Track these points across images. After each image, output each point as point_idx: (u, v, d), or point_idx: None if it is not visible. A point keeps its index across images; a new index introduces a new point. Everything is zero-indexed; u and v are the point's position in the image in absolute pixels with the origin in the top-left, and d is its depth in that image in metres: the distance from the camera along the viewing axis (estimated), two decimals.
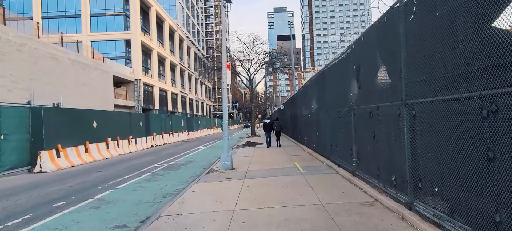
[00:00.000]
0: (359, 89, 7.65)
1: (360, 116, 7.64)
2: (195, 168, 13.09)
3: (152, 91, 51.97)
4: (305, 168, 10.66)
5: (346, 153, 9.00)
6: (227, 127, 11.54)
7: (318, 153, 13.58)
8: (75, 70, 30.39)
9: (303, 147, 17.56)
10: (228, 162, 11.27)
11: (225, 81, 11.53)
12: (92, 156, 16.45)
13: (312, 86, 14.50)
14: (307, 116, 16.29)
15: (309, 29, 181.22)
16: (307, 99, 16.29)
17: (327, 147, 11.70)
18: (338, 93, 9.81)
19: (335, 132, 10.27)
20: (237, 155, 16.21)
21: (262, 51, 34.05)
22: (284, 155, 15.04)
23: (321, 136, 12.78)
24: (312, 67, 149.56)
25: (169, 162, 15.48)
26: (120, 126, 20.12)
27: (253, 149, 19.10)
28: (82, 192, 8.98)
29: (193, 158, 16.99)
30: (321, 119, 12.55)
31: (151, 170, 12.96)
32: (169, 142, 29.26)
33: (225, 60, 11.48)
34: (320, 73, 12.37)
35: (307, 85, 16.06)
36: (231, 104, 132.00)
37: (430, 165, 4.41)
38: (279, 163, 12.28)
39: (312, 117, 14.68)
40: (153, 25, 52.56)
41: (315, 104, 14.00)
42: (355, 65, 7.93)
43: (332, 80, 10.64)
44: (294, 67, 46.95)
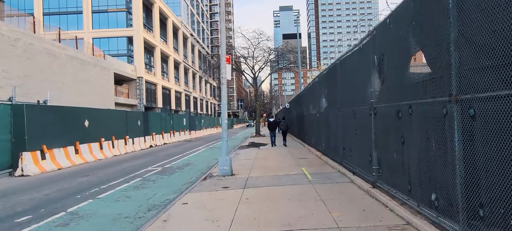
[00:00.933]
0: (382, 83, 6.32)
1: (383, 115, 6.32)
2: (191, 173, 11.84)
3: (154, 89, 50.95)
4: (314, 175, 9.35)
5: (363, 159, 7.68)
6: (226, 127, 10.27)
7: (327, 157, 12.26)
8: (73, 67, 29.36)
9: (311, 149, 16.24)
10: (227, 167, 10.01)
11: (224, 77, 10.27)
12: (83, 157, 15.30)
13: (321, 83, 13.17)
14: (315, 115, 14.97)
15: (315, 27, 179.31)
16: (315, 97, 14.96)
17: (338, 151, 10.38)
18: (353, 90, 8.48)
19: (349, 134, 8.95)
20: (239, 158, 14.95)
21: (267, 48, 32.76)
22: (290, 158, 13.74)
23: (332, 138, 11.46)
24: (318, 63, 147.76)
25: (165, 164, 14.26)
26: (115, 125, 18.98)
27: (257, 151, 17.82)
28: (56, 202, 7.77)
29: (192, 160, 15.77)
30: (332, 118, 11.23)
31: (143, 174, 11.75)
32: (170, 142, 28.10)
33: (224, 53, 10.21)
34: (331, 68, 11.04)
35: (315, 82, 14.74)
36: (236, 103, 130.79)
37: (501, 186, 3.09)
38: (285, 168, 10.98)
39: (321, 117, 13.36)
40: (156, 22, 51.50)
41: (324, 102, 12.68)
42: (376, 55, 6.61)
43: (345, 75, 9.32)
44: (300, 66, 45.60)
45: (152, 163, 14.76)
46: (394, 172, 5.88)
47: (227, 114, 10.31)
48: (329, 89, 11.67)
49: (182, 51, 64.62)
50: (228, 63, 10.53)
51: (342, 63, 9.60)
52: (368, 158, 7.22)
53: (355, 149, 8.40)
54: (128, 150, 20.04)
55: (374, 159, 6.85)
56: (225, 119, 10.23)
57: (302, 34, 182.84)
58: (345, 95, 9.37)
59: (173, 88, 58.14)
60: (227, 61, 10.38)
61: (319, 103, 13.90)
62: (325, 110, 12.56)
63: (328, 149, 12.25)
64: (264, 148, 19.24)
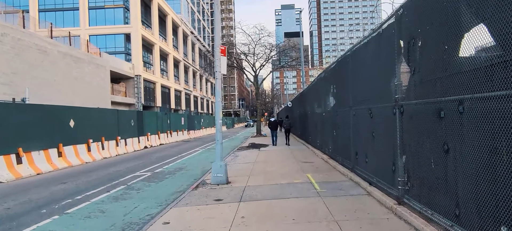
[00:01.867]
0: (413, 74, 4.99)
1: (414, 114, 4.99)
2: (182, 179, 10.54)
3: (153, 88, 49.70)
4: (323, 184, 8.02)
5: (383, 168, 6.36)
6: (221, 128, 8.95)
7: (335, 161, 10.94)
8: (66, 64, 28.11)
9: (316, 151, 14.92)
10: (221, 175, 8.70)
11: (218, 70, 8.95)
12: (68, 160, 14.02)
13: (328, 79, 11.83)
14: (321, 114, 13.64)
15: (317, 26, 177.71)
16: (320, 94, 13.63)
17: (349, 155, 9.05)
18: (370, 84, 7.15)
19: (364, 136, 7.62)
20: (237, 161, 13.64)
21: (269, 44, 31.42)
22: (293, 162, 12.42)
23: (341, 140, 10.13)
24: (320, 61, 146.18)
25: (156, 169, 12.97)
26: (105, 125, 17.70)
27: (257, 153, 16.51)
28: (13, 219, 6.49)
29: (186, 163, 14.47)
30: (341, 118, 9.90)
31: (128, 180, 10.46)
32: (166, 143, 26.83)
33: (218, 43, 8.89)
34: (341, 61, 9.70)
35: (321, 78, 13.40)
36: (237, 102, 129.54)
37: None
38: (288, 175, 9.66)
39: (328, 116, 12.03)
40: (155, 19, 50.21)
41: (332, 100, 11.34)
42: (404, 40, 5.28)
43: (359, 67, 7.98)
44: (303, 62, 44.24)
45: (142, 167, 13.47)
46: (431, 188, 4.55)
47: (221, 113, 9.00)
48: (338, 85, 10.35)
49: (182, 49, 63.33)
50: (223, 55, 9.22)
51: (355, 54, 8.27)
52: (391, 166, 5.90)
53: (372, 155, 7.07)
54: (119, 151, 18.76)
55: (399, 168, 5.52)
56: (219, 118, 8.92)
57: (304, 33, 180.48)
58: (358, 91, 8.04)
59: (173, 87, 56.89)
60: (222, 53, 9.07)
61: (325, 101, 12.57)
62: (332, 109, 11.23)
63: (336, 152, 10.93)
64: (265, 150, 17.93)
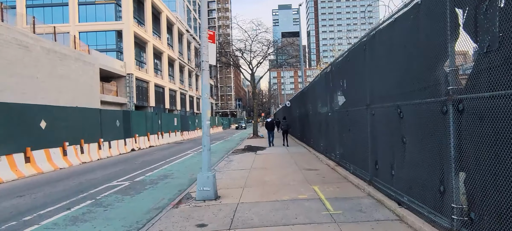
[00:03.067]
0: (487, 53, 3.36)
1: (487, 114, 3.36)
2: (164, 191, 8.86)
3: (147, 87, 47.91)
4: (335, 202, 6.38)
5: (423, 186, 4.73)
6: (209, 131, 7.28)
7: (345, 169, 9.30)
8: (50, 61, 26.31)
9: (319, 156, 13.28)
10: (209, 188, 7.03)
11: (205, 60, 7.29)
12: (37, 166, 12.28)
13: (337, 74, 10.19)
14: (326, 114, 12.00)
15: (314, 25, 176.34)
16: (326, 92, 12.00)
17: (366, 164, 7.42)
18: (400, 75, 5.52)
19: (389, 142, 5.99)
20: (231, 167, 11.97)
21: (266, 40, 29.79)
22: (294, 169, 10.77)
23: (354, 145, 8.49)
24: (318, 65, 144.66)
25: (137, 177, 11.27)
26: (85, 126, 15.96)
27: (253, 157, 14.85)
28: None
29: (172, 170, 12.77)
30: (354, 119, 8.27)
31: (99, 193, 8.76)
32: (157, 145, 25.09)
33: (205, 26, 7.22)
34: (355, 49, 8.05)
35: (327, 73, 11.75)
36: (234, 103, 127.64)
37: None
38: (290, 187, 8.01)
39: (336, 117, 10.39)
40: (148, 16, 48.42)
41: (341, 98, 9.71)
42: (465, 5, 3.66)
43: (381, 55, 6.35)
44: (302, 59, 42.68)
45: (122, 174, 11.77)
46: None
47: (209, 113, 7.33)
48: (350, 80, 8.71)
49: (177, 47, 61.56)
50: (212, 42, 7.56)
51: (374, 40, 6.63)
52: (436, 186, 4.27)
53: (402, 167, 5.44)
54: (102, 155, 17.02)
55: (453, 190, 3.89)
56: (206, 118, 7.25)
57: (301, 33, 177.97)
58: (380, 85, 6.41)
59: (167, 86, 55.15)
60: (210, 39, 7.41)
61: (332, 99, 10.93)
62: (341, 109, 9.59)
63: (346, 159, 9.29)
64: (262, 153, 16.26)
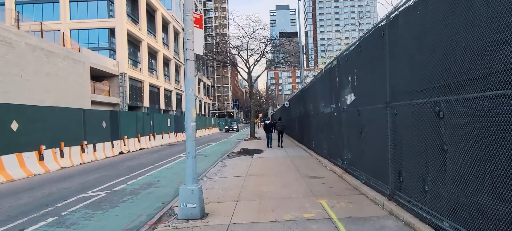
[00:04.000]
0: None
1: None
2: (144, 204, 7.55)
3: (141, 87, 46.52)
4: (350, 223, 5.09)
5: (482, 213, 3.46)
6: (194, 134, 5.98)
7: (355, 177, 8.03)
8: (36, 58, 24.92)
9: (322, 161, 11.99)
10: (194, 204, 5.73)
11: (189, 48, 5.99)
12: (7, 173, 10.92)
13: (344, 68, 8.92)
14: (331, 114, 10.74)
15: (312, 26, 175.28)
16: (330, 89, 10.73)
17: (385, 175, 6.14)
18: (440, 61, 4.25)
19: (419, 149, 4.72)
20: (224, 173, 10.66)
21: (263, 37, 28.51)
22: (296, 177, 9.48)
23: (368, 151, 7.21)
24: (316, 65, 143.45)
25: (117, 185, 9.94)
26: (66, 127, 14.60)
27: (250, 161, 13.56)
28: None
29: (159, 176, 11.45)
30: (368, 119, 7.01)
31: (66, 207, 7.44)
32: (148, 147, 23.73)
33: (191, 7, 5.93)
34: (370, 36, 6.77)
35: (331, 69, 10.48)
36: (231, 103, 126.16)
37: None
38: (293, 202, 6.73)
39: (343, 117, 9.12)
40: (142, 14, 47.06)
41: (349, 96, 8.44)
42: None
43: (408, 40, 5.08)
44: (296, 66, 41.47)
45: (102, 182, 10.44)
46: None
47: (195, 112, 6.03)
48: (362, 74, 7.44)
49: (173, 47, 60.18)
50: (199, 27, 6.27)
51: (397, 22, 5.37)
52: (506, 215, 3.01)
53: (443, 183, 4.16)
54: (86, 159, 15.67)
55: None
56: (191, 119, 5.95)
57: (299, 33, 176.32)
58: (406, 77, 5.14)
59: (163, 86, 53.80)
60: (195, 23, 6.12)
61: (337, 97, 9.67)
62: (351, 108, 8.33)
63: (357, 166, 8.01)
64: (259, 157, 14.97)
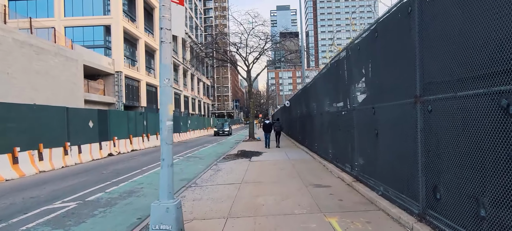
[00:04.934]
0: None
1: None
2: (117, 219, 6.27)
3: (138, 86, 45.27)
4: None
5: None
6: (171, 136, 4.73)
7: (369, 188, 6.76)
8: (24, 55, 23.70)
9: (327, 165, 10.72)
10: (169, 226, 4.47)
11: (166, 27, 4.77)
12: None
13: (355, 60, 7.65)
14: (337, 114, 9.47)
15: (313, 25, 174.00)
16: (337, 86, 9.47)
17: (413, 189, 4.86)
18: None
19: (469, 158, 3.45)
20: (216, 179, 9.40)
21: (263, 34, 27.25)
22: (298, 184, 8.21)
23: (387, 157, 5.93)
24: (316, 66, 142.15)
25: (93, 193, 8.68)
26: (46, 127, 13.35)
27: (247, 165, 12.28)
28: None
29: (144, 183, 10.19)
30: (388, 119, 5.75)
31: (23, 222, 6.17)
32: (141, 148, 22.47)
33: None
34: (392, 15, 5.49)
35: (338, 62, 9.21)
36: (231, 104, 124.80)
37: None
38: (295, 219, 5.46)
39: (353, 117, 7.84)
40: (140, 12, 45.84)
41: (362, 91, 7.18)
42: None
43: (462, 13, 3.82)
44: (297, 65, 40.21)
45: (76, 190, 9.18)
46: None
47: (172, 109, 4.79)
48: (379, 63, 6.16)
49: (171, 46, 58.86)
50: (179, 3, 5.02)
51: None
52: None
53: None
54: (69, 162, 14.41)
55: None
56: (167, 118, 4.70)
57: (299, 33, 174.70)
58: (449, 63, 3.87)
59: None
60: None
61: (346, 94, 8.40)
62: (364, 105, 7.06)
63: (372, 175, 6.73)
64: (257, 160, 13.70)
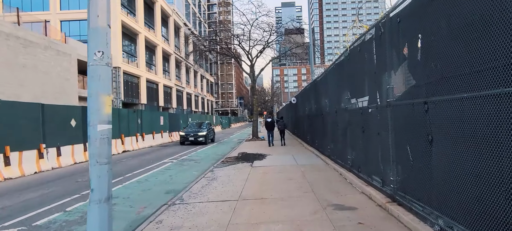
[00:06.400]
0: None
1: None
2: None
3: (137, 82, 43.57)
4: None
5: None
6: (108, 149, 2.80)
7: (416, 215, 4.75)
8: (9, 48, 21.96)
9: (346, 174, 8.70)
10: None
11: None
12: None
13: (397, 35, 5.61)
14: (361, 112, 7.45)
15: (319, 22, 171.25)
16: (362, 76, 7.46)
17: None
18: None
19: None
20: (208, 193, 7.44)
21: (267, 25, 25.22)
22: (313, 205, 6.22)
23: (452, 176, 3.86)
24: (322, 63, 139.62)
25: (46, 215, 6.76)
26: (15, 127, 11.50)
27: (248, 172, 10.32)
28: None
29: (119, 196, 8.25)
30: (457, 118, 3.72)
31: None
32: (134, 149, 20.61)
33: None
34: None
35: (363, 44, 7.18)
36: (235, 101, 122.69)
37: None
38: None
39: (389, 115, 5.81)
40: (140, 5, 44.05)
41: (405, 79, 5.16)
42: None
43: None
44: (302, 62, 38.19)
45: (30, 207, 7.29)
46: None
47: (109, 104, 2.87)
48: (437, 37, 4.14)
49: (173, 41, 57.07)
50: None
51: None
52: None
53: None
54: (45, 167, 12.56)
55: None
56: (99, 120, 2.72)
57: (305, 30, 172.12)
58: None
59: (162, 82, 50.79)
60: None
61: (377, 85, 6.38)
62: (407, 99, 5.05)
63: (423, 197, 4.69)
64: (260, 166, 11.72)
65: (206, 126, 26.03)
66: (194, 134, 23.89)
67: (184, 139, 23.74)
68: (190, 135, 23.75)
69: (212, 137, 26.75)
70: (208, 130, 25.29)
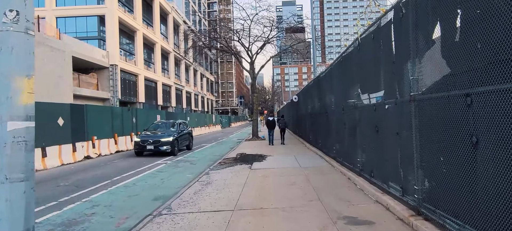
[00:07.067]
0: None
1: None
2: None
3: (135, 80, 42.63)
4: None
5: None
6: (22, 157, 1.89)
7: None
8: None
9: (355, 179, 7.76)
10: None
11: None
12: None
13: (423, 14, 4.67)
14: (377, 108, 6.52)
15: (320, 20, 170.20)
16: (377, 68, 6.52)
17: None
18: None
19: None
20: (200, 201, 6.50)
21: (268, 20, 24.28)
22: (321, 219, 5.27)
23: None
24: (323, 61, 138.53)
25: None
26: None
27: (246, 175, 9.39)
28: None
29: (99, 204, 7.32)
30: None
31: None
32: (128, 149, 19.63)
33: None
34: None
35: (378, 30, 6.24)
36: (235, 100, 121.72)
37: None
38: None
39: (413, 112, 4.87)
40: (138, 2, 43.11)
41: (434, 69, 4.22)
42: None
43: None
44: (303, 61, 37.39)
45: None
46: None
47: (29, 89, 1.97)
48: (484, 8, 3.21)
49: (172, 39, 56.12)
50: None
51: None
52: None
53: None
54: None
55: None
56: (13, 114, 1.79)
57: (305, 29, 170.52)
58: None
59: (161, 80, 49.85)
60: None
61: (398, 77, 5.44)
62: (436, 92, 4.10)
63: (459, 213, 3.75)
64: (260, 168, 10.79)
65: (177, 127, 18.09)
66: (155, 140, 16.11)
67: (140, 147, 16.25)
68: (148, 142, 16.06)
69: (188, 143, 19.15)
70: (180, 134, 17.51)
